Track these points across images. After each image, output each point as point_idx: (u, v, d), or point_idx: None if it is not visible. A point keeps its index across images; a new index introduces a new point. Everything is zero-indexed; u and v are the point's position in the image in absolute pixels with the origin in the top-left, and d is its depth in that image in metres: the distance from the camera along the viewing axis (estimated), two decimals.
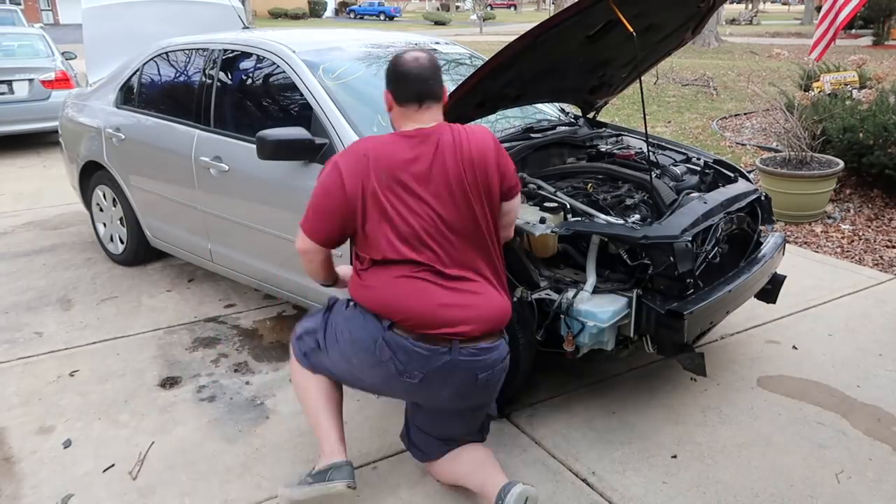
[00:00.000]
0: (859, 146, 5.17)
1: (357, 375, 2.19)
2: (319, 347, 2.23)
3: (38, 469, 2.49)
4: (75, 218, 5.41)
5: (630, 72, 3.30)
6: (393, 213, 1.98)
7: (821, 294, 3.83)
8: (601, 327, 2.38)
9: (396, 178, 1.98)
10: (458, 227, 2.01)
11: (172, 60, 3.90)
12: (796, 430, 2.66)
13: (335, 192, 2.01)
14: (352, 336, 2.11)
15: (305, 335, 2.28)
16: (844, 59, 8.68)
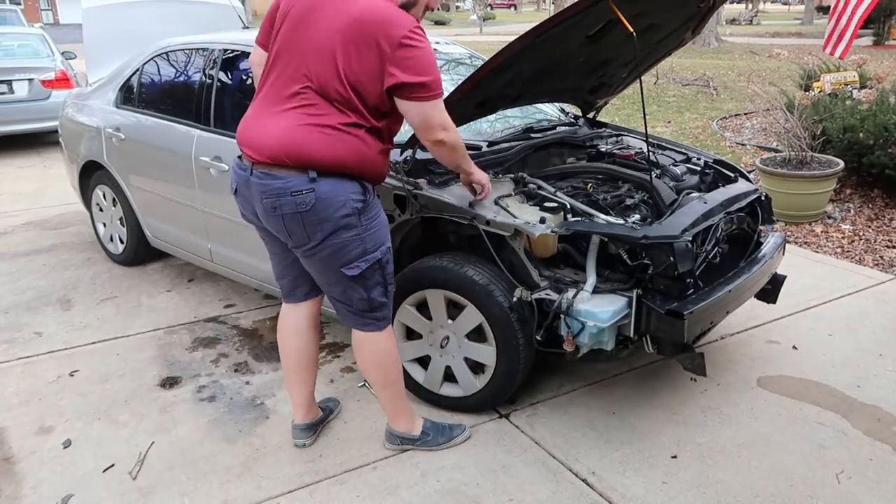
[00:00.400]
0: (859, 146, 5.17)
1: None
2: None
3: (38, 469, 2.49)
4: (75, 218, 5.41)
5: (630, 72, 3.29)
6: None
7: (821, 294, 3.83)
8: (601, 327, 2.38)
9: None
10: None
11: (172, 60, 3.90)
12: (796, 430, 2.66)
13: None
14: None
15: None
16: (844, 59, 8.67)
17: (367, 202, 2.22)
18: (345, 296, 2.30)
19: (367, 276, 2.26)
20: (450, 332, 2.68)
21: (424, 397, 2.83)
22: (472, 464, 2.47)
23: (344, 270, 2.22)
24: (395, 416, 2.53)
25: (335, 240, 2.18)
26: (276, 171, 2.13)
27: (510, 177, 2.83)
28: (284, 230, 2.19)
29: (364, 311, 2.33)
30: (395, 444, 2.56)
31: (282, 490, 2.36)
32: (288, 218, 2.15)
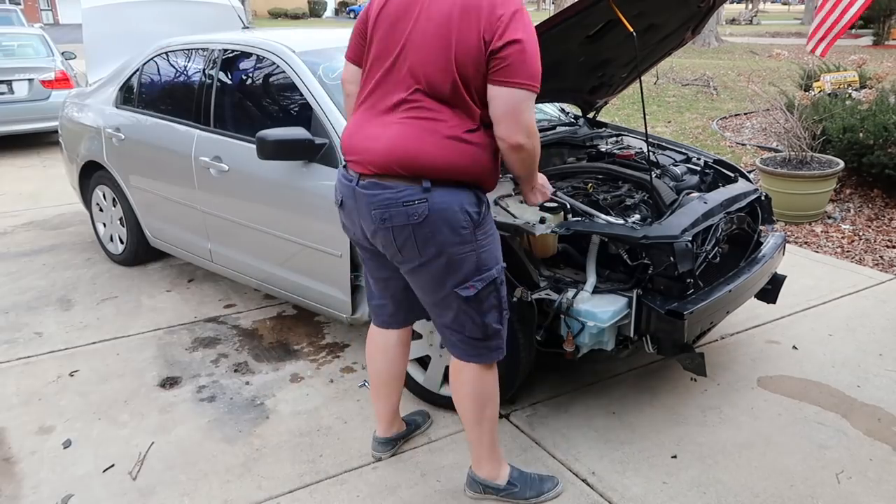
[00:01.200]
0: (859, 146, 5.17)
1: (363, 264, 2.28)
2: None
3: (38, 469, 2.49)
4: (75, 218, 5.42)
5: (630, 72, 3.30)
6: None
7: (821, 294, 3.83)
8: (601, 327, 2.38)
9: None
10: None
11: (172, 60, 3.90)
12: (796, 430, 2.66)
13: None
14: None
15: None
16: (844, 59, 8.67)
17: (483, 213, 2.03)
18: (457, 322, 2.09)
19: (483, 297, 2.06)
20: None
21: (424, 397, 2.83)
22: None
23: (458, 291, 2.03)
24: (480, 458, 2.27)
25: (448, 255, 1.99)
26: (387, 181, 1.97)
27: (510, 177, 2.83)
28: (394, 244, 2.01)
29: (478, 340, 2.11)
30: (476, 491, 2.30)
31: (282, 490, 2.36)
32: (398, 230, 1.98)
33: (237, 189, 3.30)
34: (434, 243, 1.97)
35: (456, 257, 2.00)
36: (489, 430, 2.23)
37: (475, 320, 2.08)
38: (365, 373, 3.10)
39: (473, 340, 2.12)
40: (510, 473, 2.31)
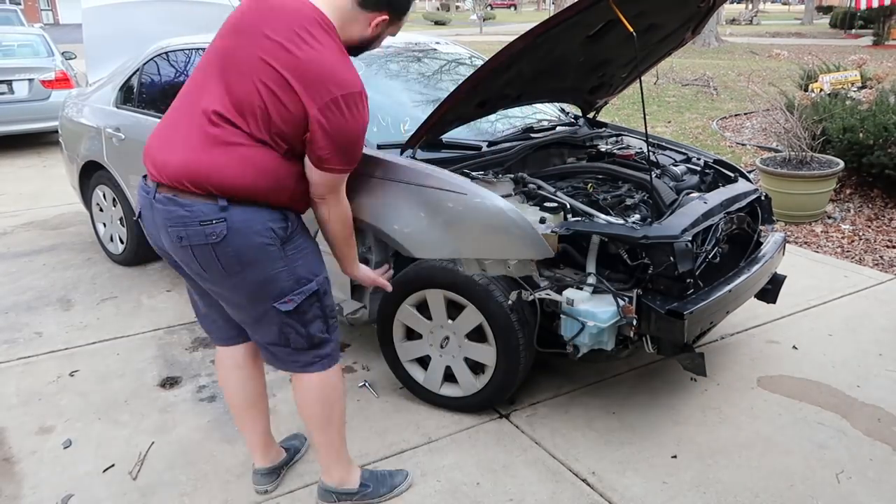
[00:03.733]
0: (859, 146, 5.17)
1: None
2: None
3: (38, 469, 2.49)
4: (75, 218, 5.42)
5: (630, 72, 3.29)
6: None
7: (821, 294, 3.83)
8: (601, 327, 2.38)
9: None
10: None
11: (172, 60, 3.90)
12: (796, 430, 2.66)
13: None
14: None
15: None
16: (844, 59, 8.68)
17: (290, 228, 1.96)
18: (282, 336, 2.02)
19: (304, 309, 2.00)
20: (450, 332, 2.68)
21: (424, 397, 2.83)
22: (472, 464, 2.47)
23: (277, 306, 1.96)
24: (329, 464, 2.23)
25: (259, 273, 1.91)
26: (179, 197, 1.86)
27: (510, 177, 2.83)
28: (197, 263, 1.90)
29: (304, 350, 2.06)
30: (330, 500, 2.26)
31: (282, 490, 2.36)
32: (198, 250, 1.87)
33: None
34: (239, 262, 1.88)
35: (268, 276, 1.92)
36: (337, 433, 2.19)
37: (299, 332, 2.02)
38: (365, 373, 3.10)
39: (301, 352, 2.06)
40: (361, 475, 2.29)
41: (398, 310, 2.74)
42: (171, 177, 1.85)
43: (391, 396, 2.90)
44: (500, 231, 2.09)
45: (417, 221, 2.14)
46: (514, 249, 2.06)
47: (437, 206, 2.15)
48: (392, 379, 2.97)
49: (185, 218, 1.85)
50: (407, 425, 2.70)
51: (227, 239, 1.85)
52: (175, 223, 1.86)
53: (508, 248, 2.07)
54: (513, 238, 2.08)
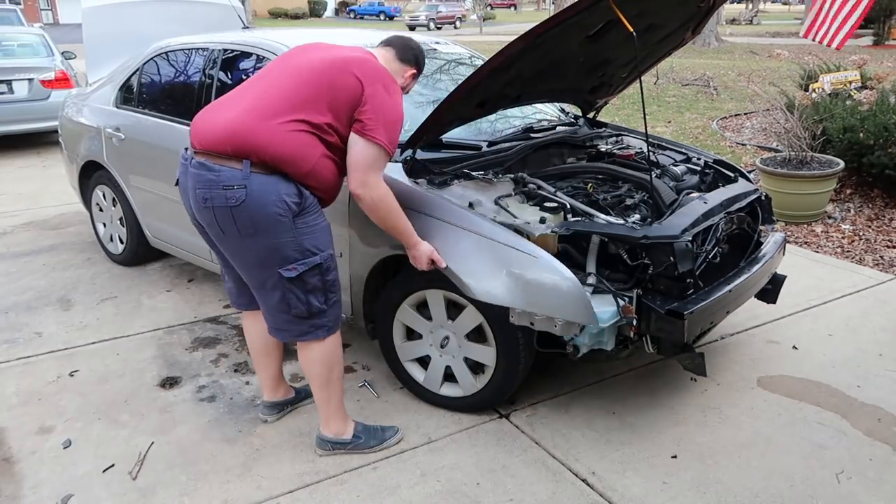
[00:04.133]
0: (860, 146, 5.17)
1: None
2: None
3: (38, 469, 2.49)
4: (75, 218, 5.41)
5: (630, 72, 3.29)
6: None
7: (821, 294, 3.83)
8: (601, 327, 2.38)
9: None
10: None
11: (172, 60, 3.90)
12: (796, 430, 2.66)
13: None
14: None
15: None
16: (845, 59, 8.68)
17: (304, 205, 2.21)
18: (284, 301, 2.26)
19: (306, 279, 2.24)
20: (450, 333, 2.68)
21: (424, 397, 2.83)
22: (472, 464, 2.47)
23: (281, 271, 2.21)
24: (328, 417, 2.50)
25: (268, 239, 2.17)
26: (211, 162, 2.16)
27: (510, 177, 2.83)
28: (216, 224, 2.18)
29: (303, 318, 2.30)
30: (325, 449, 2.52)
31: (282, 490, 2.36)
32: (219, 211, 2.16)
33: None
34: (253, 225, 2.16)
35: (277, 242, 2.18)
36: (336, 390, 2.48)
37: (300, 298, 2.27)
38: (365, 373, 3.10)
39: (300, 319, 2.31)
40: (355, 428, 2.55)
41: (398, 310, 2.74)
42: (213, 141, 2.16)
43: (391, 396, 2.90)
44: (562, 296, 2.33)
45: (484, 269, 2.41)
46: (568, 312, 2.32)
47: (508, 262, 2.39)
48: (392, 379, 2.97)
49: (212, 182, 2.14)
50: (407, 425, 2.70)
51: (244, 204, 2.12)
52: (202, 185, 2.16)
53: (562, 311, 2.33)
54: (569, 303, 2.32)
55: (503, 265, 2.39)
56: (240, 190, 2.12)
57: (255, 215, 2.14)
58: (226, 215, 2.15)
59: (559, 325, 2.35)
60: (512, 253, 2.39)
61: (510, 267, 2.38)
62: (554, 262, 2.37)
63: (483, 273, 2.40)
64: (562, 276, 2.34)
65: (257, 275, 2.26)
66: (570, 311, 2.33)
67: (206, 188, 2.15)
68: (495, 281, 2.38)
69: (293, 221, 2.18)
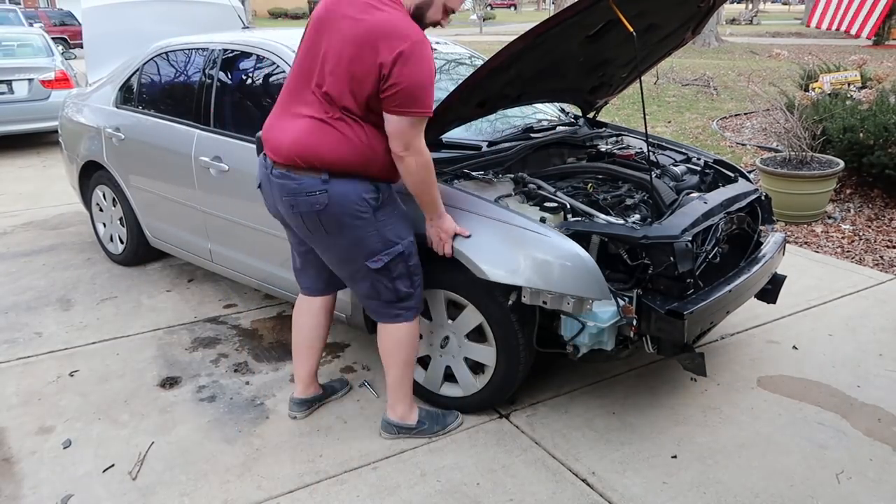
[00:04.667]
0: (860, 146, 5.17)
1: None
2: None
3: (38, 469, 2.49)
4: (75, 218, 5.41)
5: (630, 72, 3.29)
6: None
7: (821, 294, 3.83)
8: (601, 327, 2.38)
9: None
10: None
11: (172, 60, 3.90)
12: (796, 430, 2.66)
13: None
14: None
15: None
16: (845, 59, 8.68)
17: (381, 199, 2.32)
18: (373, 290, 2.40)
19: (391, 267, 2.37)
20: (450, 332, 2.68)
21: (424, 397, 2.83)
22: (472, 464, 2.47)
23: (368, 264, 2.34)
24: (397, 401, 2.58)
25: (354, 236, 2.30)
26: (292, 173, 2.27)
27: (510, 177, 2.83)
28: (304, 227, 2.33)
29: (393, 303, 2.43)
30: (391, 433, 2.60)
31: (282, 490, 2.36)
32: (306, 216, 2.29)
33: (237, 189, 3.30)
34: (338, 226, 2.28)
35: (361, 237, 2.30)
36: (409, 374, 2.57)
37: (388, 286, 2.39)
38: (366, 373, 3.10)
39: (389, 304, 2.43)
40: (419, 413, 2.63)
41: None
42: (285, 156, 2.26)
43: None
44: (573, 271, 2.37)
45: (495, 251, 2.45)
46: (580, 288, 2.36)
47: (519, 243, 2.43)
48: None
49: (296, 190, 2.27)
50: None
51: (328, 207, 2.25)
52: (288, 194, 2.29)
53: (574, 286, 2.36)
54: (580, 278, 2.36)
55: (514, 246, 2.42)
56: (322, 195, 2.24)
57: (340, 216, 2.26)
58: (312, 219, 2.28)
59: (571, 302, 2.38)
60: (522, 233, 2.43)
61: (521, 247, 2.42)
62: (565, 239, 2.40)
63: (495, 255, 2.43)
64: (573, 253, 2.37)
65: (346, 268, 2.41)
66: (582, 287, 2.36)
67: (291, 196, 2.28)
68: (507, 262, 2.42)
69: (374, 216, 2.30)
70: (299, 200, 2.27)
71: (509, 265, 2.41)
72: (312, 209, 2.26)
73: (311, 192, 2.25)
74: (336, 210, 2.26)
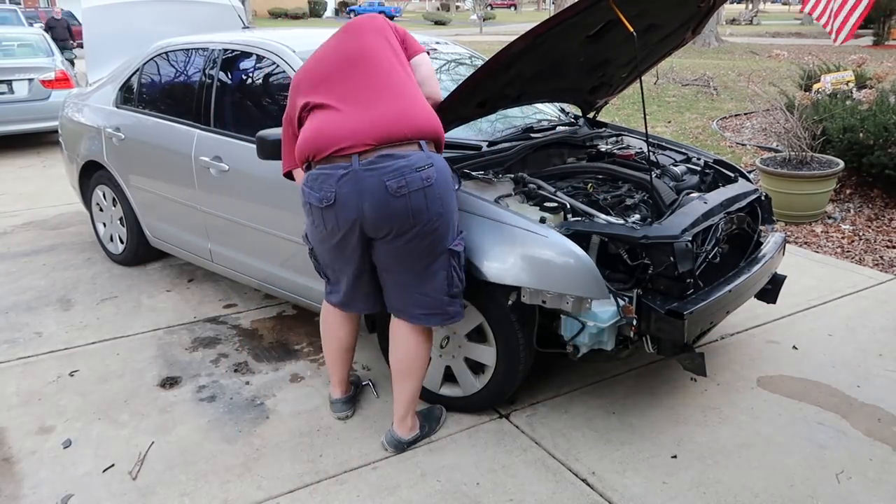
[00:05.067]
0: (859, 146, 5.17)
1: (329, 263, 2.45)
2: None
3: (38, 469, 2.49)
4: (75, 218, 5.41)
5: (630, 72, 3.29)
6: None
7: (821, 294, 3.83)
8: (601, 327, 2.38)
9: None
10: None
11: (172, 60, 3.90)
12: (796, 430, 2.66)
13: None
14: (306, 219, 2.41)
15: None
16: (844, 59, 8.68)
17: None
18: (446, 280, 2.31)
19: (461, 252, 2.35)
20: (450, 332, 2.68)
21: (424, 397, 2.82)
22: (472, 464, 2.47)
23: (451, 247, 2.29)
24: (407, 414, 2.53)
25: (450, 214, 2.27)
26: (396, 150, 2.19)
27: (510, 177, 2.83)
28: (408, 211, 2.18)
29: (456, 296, 2.37)
30: (400, 450, 2.54)
31: (282, 490, 2.36)
32: (415, 196, 2.17)
33: (237, 189, 3.30)
34: (441, 203, 2.22)
35: (451, 216, 2.28)
36: (420, 385, 2.53)
37: (459, 275, 2.35)
38: (366, 372, 3.10)
39: (453, 298, 2.36)
40: (419, 418, 2.62)
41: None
42: (383, 134, 2.17)
43: (391, 397, 2.89)
44: (572, 271, 2.37)
45: (495, 251, 2.45)
46: (579, 287, 2.36)
47: (518, 243, 2.43)
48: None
49: (403, 167, 2.16)
50: None
51: (436, 181, 2.20)
52: (393, 175, 2.15)
53: (573, 286, 2.36)
54: (579, 278, 2.36)
55: (513, 246, 2.43)
56: (430, 168, 2.19)
57: (444, 192, 2.22)
58: (420, 198, 2.18)
59: (570, 301, 2.38)
60: (521, 233, 2.43)
61: (521, 247, 2.42)
62: (563, 239, 2.40)
63: (494, 255, 2.43)
64: (571, 252, 2.38)
65: (424, 260, 2.28)
66: (581, 286, 2.36)
67: (399, 176, 2.16)
68: (507, 262, 2.42)
69: (455, 194, 2.32)
70: (409, 178, 2.15)
71: (508, 265, 2.41)
72: (423, 185, 2.17)
73: (420, 167, 2.17)
74: (441, 184, 2.21)
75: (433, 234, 2.25)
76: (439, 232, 2.25)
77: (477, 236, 2.47)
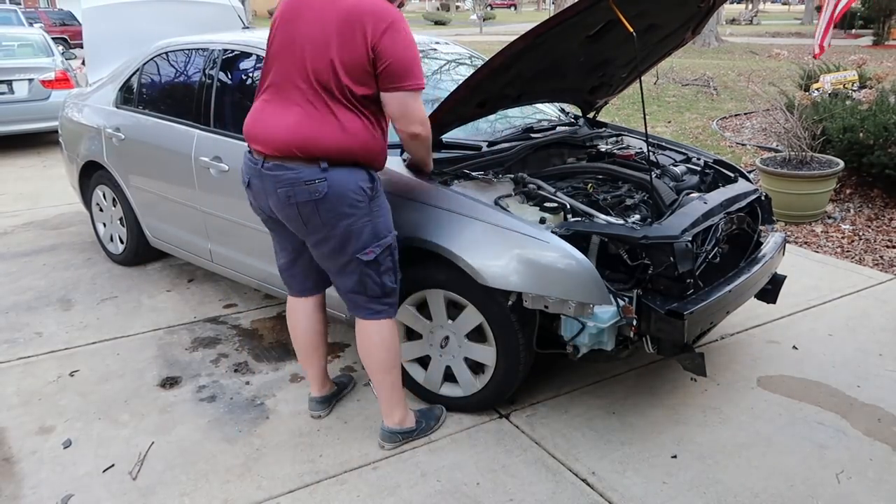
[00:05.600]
0: (859, 146, 5.17)
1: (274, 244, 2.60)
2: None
3: (38, 469, 2.49)
4: (75, 218, 5.42)
5: (630, 72, 3.29)
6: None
7: (821, 294, 3.83)
8: (601, 327, 2.38)
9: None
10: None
11: (172, 60, 3.90)
12: (796, 430, 2.66)
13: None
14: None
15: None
16: (844, 59, 8.68)
17: (376, 189, 2.33)
18: (360, 284, 2.38)
19: (381, 261, 2.36)
20: (450, 333, 2.68)
21: (424, 397, 2.83)
22: (472, 464, 2.48)
23: (359, 256, 2.32)
24: (392, 406, 2.55)
25: (349, 226, 2.27)
26: (288, 163, 2.23)
27: (510, 177, 2.84)
28: (300, 218, 2.28)
29: (378, 298, 2.41)
30: (395, 441, 2.56)
31: (282, 490, 2.36)
32: (303, 206, 2.25)
33: (237, 189, 3.30)
34: (335, 216, 2.26)
35: (356, 228, 2.29)
36: (398, 376, 2.54)
37: (375, 281, 2.38)
38: (366, 372, 3.10)
39: (374, 299, 2.41)
40: (415, 413, 2.64)
41: (398, 310, 2.74)
42: (281, 148, 2.22)
43: None
44: (574, 278, 2.37)
45: (496, 257, 2.44)
46: (580, 293, 2.36)
47: (520, 248, 2.43)
48: None
49: (293, 180, 2.23)
50: None
51: (327, 196, 2.23)
52: (284, 185, 2.24)
53: (575, 292, 2.37)
54: (581, 284, 2.37)
55: (515, 251, 2.42)
56: (321, 183, 2.22)
57: (338, 206, 2.24)
58: (310, 209, 2.25)
59: (573, 306, 2.38)
60: (522, 239, 2.43)
61: (522, 253, 2.42)
62: (565, 244, 2.40)
63: (496, 261, 2.44)
64: (573, 258, 2.37)
65: (336, 261, 2.36)
66: (583, 292, 2.36)
67: (288, 186, 2.23)
68: (508, 268, 2.42)
69: (369, 206, 2.30)
70: (297, 190, 2.23)
71: (509, 271, 2.41)
72: (311, 198, 2.23)
73: (310, 181, 2.22)
74: (335, 199, 2.23)
75: (332, 241, 2.30)
76: (338, 241, 2.30)
77: (477, 241, 2.46)
